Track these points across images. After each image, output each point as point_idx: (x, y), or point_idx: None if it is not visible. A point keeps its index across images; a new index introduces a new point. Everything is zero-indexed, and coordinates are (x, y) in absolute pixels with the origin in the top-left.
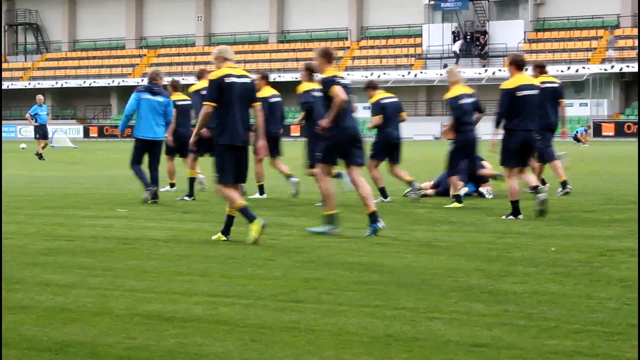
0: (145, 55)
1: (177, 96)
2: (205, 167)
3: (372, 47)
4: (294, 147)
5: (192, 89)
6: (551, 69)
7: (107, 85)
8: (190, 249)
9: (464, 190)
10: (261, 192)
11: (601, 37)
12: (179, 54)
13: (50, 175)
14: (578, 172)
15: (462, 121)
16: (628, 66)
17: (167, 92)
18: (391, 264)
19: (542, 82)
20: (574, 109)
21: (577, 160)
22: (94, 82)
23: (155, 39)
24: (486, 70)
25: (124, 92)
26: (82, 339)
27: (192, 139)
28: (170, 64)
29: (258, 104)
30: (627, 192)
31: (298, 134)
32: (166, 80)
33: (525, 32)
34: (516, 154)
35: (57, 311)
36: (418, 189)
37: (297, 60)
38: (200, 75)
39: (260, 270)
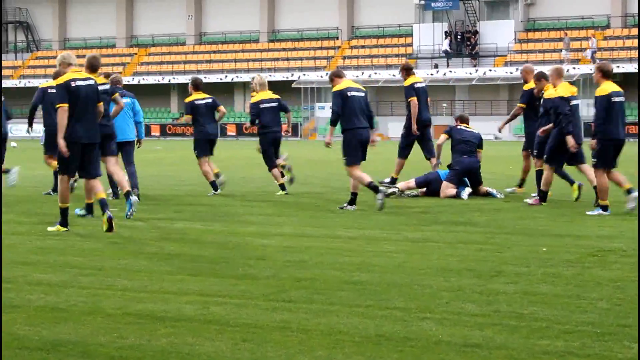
0: (135, 54)
1: (198, 95)
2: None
3: (362, 47)
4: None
5: (41, 85)
6: (541, 69)
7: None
8: (181, 248)
9: (467, 191)
10: (215, 189)
11: (591, 37)
12: (169, 53)
13: (40, 174)
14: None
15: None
16: (619, 67)
17: (131, 93)
18: (382, 264)
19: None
20: None
21: None
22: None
23: (145, 37)
24: (477, 70)
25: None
26: (74, 338)
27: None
28: (161, 63)
29: (100, 104)
30: (617, 192)
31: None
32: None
33: (515, 32)
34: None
35: (49, 310)
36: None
37: (287, 59)
38: (56, 76)
39: (252, 269)
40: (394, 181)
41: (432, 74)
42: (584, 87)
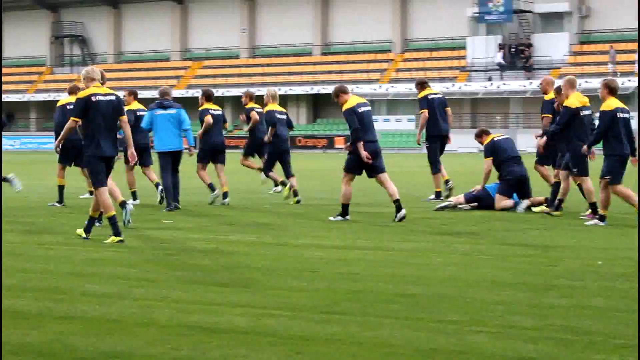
0: (189, 67)
1: (209, 105)
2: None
3: (415, 60)
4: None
5: (59, 102)
6: (596, 82)
7: (151, 96)
8: (234, 260)
9: (524, 204)
10: (134, 198)
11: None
12: (223, 66)
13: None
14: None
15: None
16: None
17: (178, 104)
18: (434, 277)
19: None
20: None
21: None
22: (139, 93)
23: (199, 50)
24: (531, 83)
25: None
26: (127, 350)
27: (56, 145)
28: (215, 76)
29: (124, 117)
30: None
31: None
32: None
33: (570, 44)
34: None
35: (103, 321)
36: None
37: (340, 72)
38: (71, 91)
39: (304, 282)
40: (438, 195)
41: (485, 87)
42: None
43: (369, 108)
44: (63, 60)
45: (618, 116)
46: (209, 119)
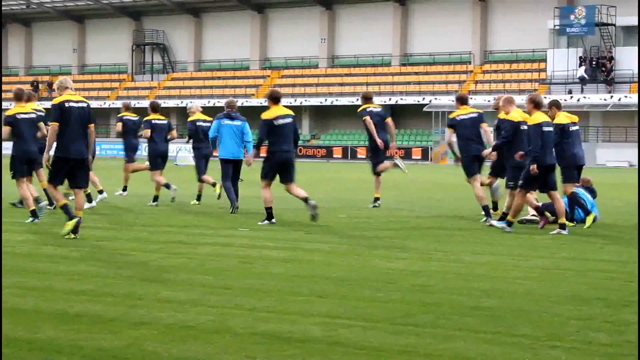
0: (268, 76)
1: (154, 116)
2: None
3: (495, 71)
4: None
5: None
6: None
7: None
8: (310, 269)
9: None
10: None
11: None
12: (302, 75)
13: (166, 192)
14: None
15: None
16: None
17: (243, 117)
18: (510, 290)
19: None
20: None
21: None
22: (218, 101)
23: (278, 60)
24: (612, 97)
25: (248, 113)
26: (202, 356)
27: (45, 156)
28: (293, 85)
29: (92, 125)
30: None
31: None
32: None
33: None
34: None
35: (178, 328)
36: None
37: (419, 83)
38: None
39: (379, 292)
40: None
41: (565, 100)
42: None
43: (289, 121)
44: (144, 67)
45: (544, 129)
46: (147, 132)
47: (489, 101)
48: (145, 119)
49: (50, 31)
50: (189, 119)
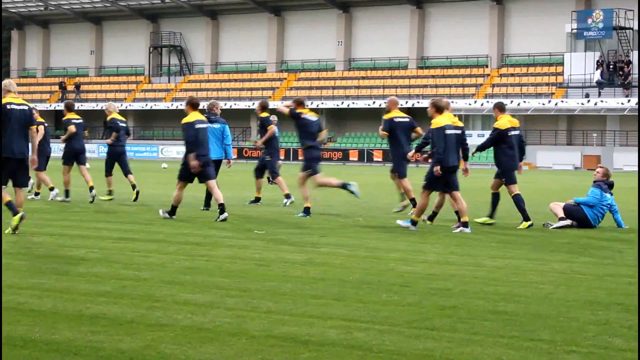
0: (285, 78)
1: (71, 115)
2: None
3: (512, 75)
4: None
5: None
6: None
7: (247, 107)
8: (326, 272)
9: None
10: (66, 196)
11: None
12: (318, 78)
13: (187, 195)
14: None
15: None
16: None
17: (223, 119)
18: (528, 295)
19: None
20: None
21: None
22: (235, 104)
23: (295, 62)
24: (629, 101)
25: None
26: (219, 359)
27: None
28: (310, 88)
29: (34, 127)
30: None
31: None
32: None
33: None
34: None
35: (195, 330)
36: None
37: (436, 87)
38: None
39: (396, 296)
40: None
41: (582, 103)
42: None
43: (206, 125)
44: (161, 70)
45: (446, 132)
46: (72, 127)
47: (506, 105)
48: (64, 118)
49: (67, 33)
50: (108, 118)
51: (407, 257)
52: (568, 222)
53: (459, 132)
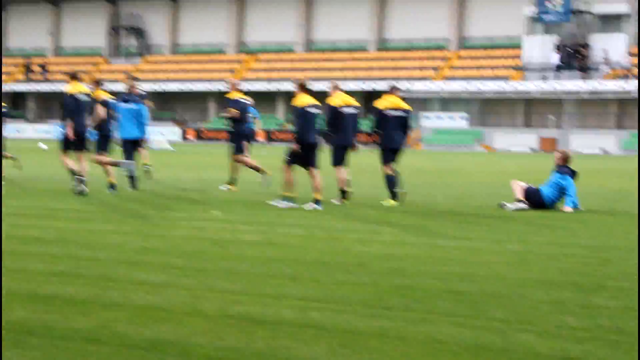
0: (244, 60)
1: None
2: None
3: (471, 58)
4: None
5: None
6: None
7: (206, 89)
8: (282, 252)
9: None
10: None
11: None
12: (278, 60)
13: (155, 177)
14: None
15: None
16: None
17: (139, 99)
18: (483, 274)
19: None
20: None
21: None
22: (193, 86)
23: (255, 44)
24: (586, 84)
25: (223, 97)
26: (173, 338)
27: None
28: (269, 70)
29: None
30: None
31: None
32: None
33: (628, 45)
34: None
35: (150, 310)
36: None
37: (395, 69)
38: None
39: (351, 275)
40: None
41: (540, 86)
42: None
43: (83, 96)
44: (119, 51)
45: (310, 111)
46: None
47: (465, 88)
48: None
49: (26, 14)
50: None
51: (363, 237)
52: (524, 205)
53: (354, 111)
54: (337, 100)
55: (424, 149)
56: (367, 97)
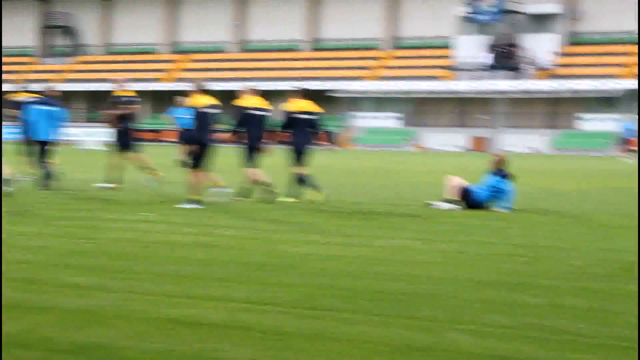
0: (177, 60)
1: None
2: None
3: (404, 57)
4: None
5: None
6: (583, 83)
7: (140, 89)
8: (211, 253)
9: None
10: None
11: (635, 53)
12: (212, 60)
13: (77, 178)
14: (604, 186)
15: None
16: None
17: (59, 102)
18: (413, 274)
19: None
20: (604, 123)
21: (605, 175)
22: (129, 85)
23: (188, 44)
24: (517, 84)
25: (157, 97)
26: (102, 341)
27: None
28: (204, 70)
29: None
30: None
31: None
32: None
33: (559, 46)
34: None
35: (78, 313)
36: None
37: (329, 68)
38: None
39: (280, 276)
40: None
41: (472, 86)
42: (626, 103)
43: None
44: (51, 50)
45: (203, 112)
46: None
47: (398, 87)
48: None
49: None
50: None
51: (293, 238)
52: (455, 207)
53: (265, 113)
54: (247, 102)
55: (358, 149)
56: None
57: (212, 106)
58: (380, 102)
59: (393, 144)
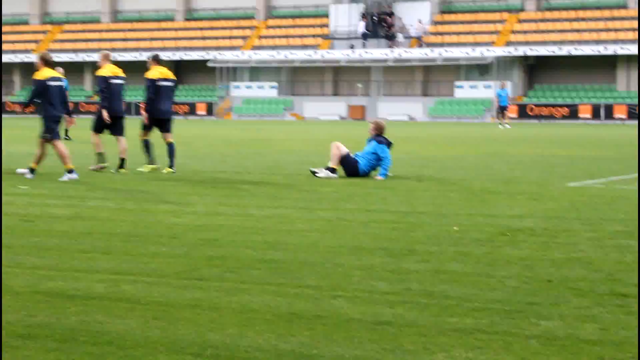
0: (49, 31)
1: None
2: None
3: (279, 27)
4: None
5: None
6: (456, 51)
7: (10, 61)
8: (93, 226)
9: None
10: None
11: (506, 20)
12: (84, 31)
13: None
14: (480, 152)
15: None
16: (532, 49)
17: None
18: (295, 243)
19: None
20: (479, 91)
21: (480, 141)
22: None
23: (59, 15)
24: (392, 52)
25: (28, 69)
26: None
27: None
28: (75, 41)
29: None
30: (527, 174)
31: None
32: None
33: (431, 14)
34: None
35: None
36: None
37: (203, 38)
38: None
39: (164, 248)
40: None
41: (347, 55)
42: (498, 70)
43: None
44: None
45: (50, 84)
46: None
47: (272, 57)
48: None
49: None
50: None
51: (175, 209)
52: (334, 175)
53: (121, 81)
54: (106, 70)
55: (234, 119)
56: (177, 68)
57: (54, 78)
58: (257, 72)
59: (270, 114)
